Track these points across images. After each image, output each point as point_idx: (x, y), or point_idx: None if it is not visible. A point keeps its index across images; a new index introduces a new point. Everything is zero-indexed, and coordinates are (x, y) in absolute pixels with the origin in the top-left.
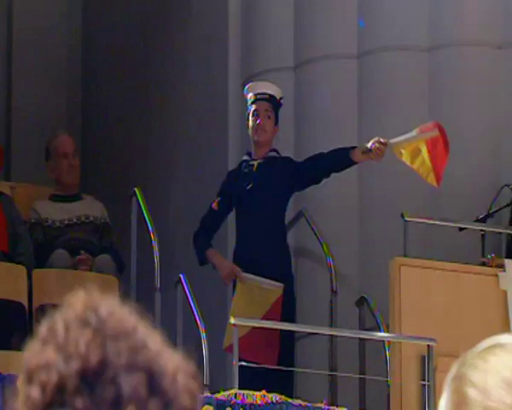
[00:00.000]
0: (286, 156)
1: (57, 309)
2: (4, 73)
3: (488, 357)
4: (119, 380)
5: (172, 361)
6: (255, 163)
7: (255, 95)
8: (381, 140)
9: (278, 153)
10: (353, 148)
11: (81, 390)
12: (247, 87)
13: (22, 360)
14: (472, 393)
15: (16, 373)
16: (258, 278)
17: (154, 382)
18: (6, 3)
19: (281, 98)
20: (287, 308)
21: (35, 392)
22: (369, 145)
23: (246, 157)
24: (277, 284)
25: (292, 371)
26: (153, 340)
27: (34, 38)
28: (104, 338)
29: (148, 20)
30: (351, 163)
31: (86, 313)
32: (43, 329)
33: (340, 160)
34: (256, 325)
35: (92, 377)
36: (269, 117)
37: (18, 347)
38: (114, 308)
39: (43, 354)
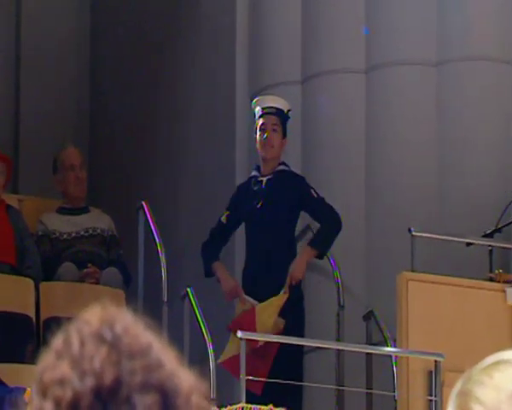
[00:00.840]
0: (298, 174)
1: (71, 322)
2: (12, 86)
3: (493, 373)
4: (133, 400)
5: (186, 381)
6: (264, 179)
7: (262, 109)
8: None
9: (287, 166)
10: (318, 249)
11: (95, 408)
12: (254, 101)
13: (35, 371)
14: (477, 409)
15: (23, 386)
16: (257, 302)
17: (167, 401)
18: (14, 16)
19: (288, 111)
20: (296, 323)
21: (49, 407)
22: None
23: (255, 172)
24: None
25: (299, 385)
26: (167, 358)
27: (42, 51)
28: (119, 356)
29: (156, 35)
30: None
31: (102, 328)
32: (58, 342)
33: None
34: (264, 339)
35: (106, 396)
36: (275, 131)
37: (26, 360)
38: (130, 324)
39: (58, 369)
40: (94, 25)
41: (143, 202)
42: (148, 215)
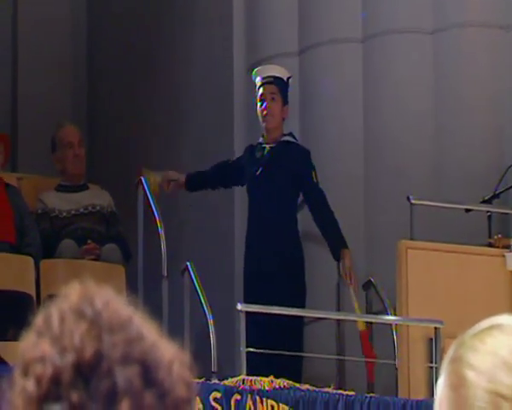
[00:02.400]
0: (303, 148)
1: (55, 300)
2: (10, 66)
3: (486, 338)
4: (115, 372)
5: (168, 352)
6: (267, 147)
7: (261, 79)
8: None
9: (294, 137)
10: (345, 246)
11: (76, 383)
12: (254, 72)
13: (19, 351)
14: (470, 375)
15: (15, 366)
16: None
17: (149, 373)
18: None
19: (289, 78)
20: (297, 294)
21: (30, 385)
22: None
23: (261, 139)
24: None
25: (300, 356)
26: (148, 331)
27: (39, 29)
28: (99, 330)
29: (152, 9)
30: (336, 256)
31: (82, 304)
32: (38, 320)
33: (331, 243)
34: (264, 311)
35: (87, 370)
36: (274, 99)
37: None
38: (110, 299)
39: (39, 347)
40: (91, 4)
41: (142, 178)
42: (147, 190)
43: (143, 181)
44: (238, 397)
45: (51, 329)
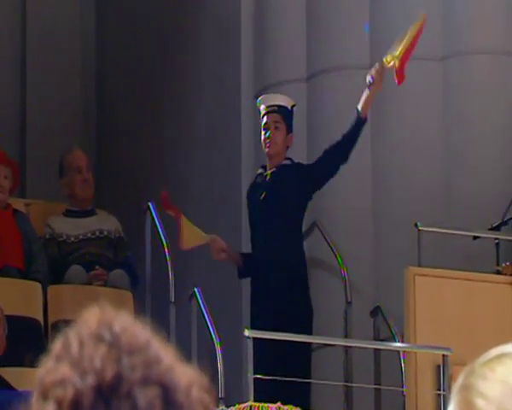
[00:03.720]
0: (297, 162)
1: (71, 325)
2: (18, 90)
3: (496, 367)
4: (135, 394)
5: (186, 375)
6: (268, 172)
7: (265, 107)
8: (376, 66)
9: (292, 161)
10: (356, 110)
11: (97, 405)
12: (258, 100)
13: (36, 376)
14: (480, 403)
15: (32, 390)
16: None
17: (168, 395)
18: (20, 16)
19: (293, 106)
20: (304, 319)
21: (51, 408)
22: (367, 80)
23: (261, 170)
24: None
25: (307, 382)
26: (166, 354)
27: (48, 51)
28: (119, 353)
29: (162, 32)
30: (362, 122)
31: (100, 328)
32: (57, 346)
33: (350, 131)
34: (271, 337)
35: (108, 392)
36: (277, 128)
37: (33, 363)
38: (128, 324)
39: (58, 371)
40: (99, 22)
41: (150, 203)
42: (155, 216)
43: (151, 206)
44: None
45: (70, 353)
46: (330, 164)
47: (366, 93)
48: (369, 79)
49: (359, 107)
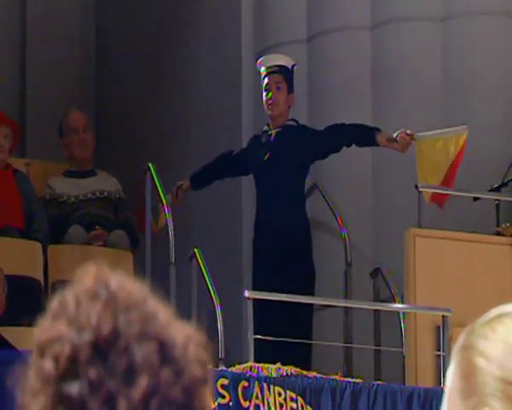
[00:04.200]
0: (303, 125)
1: (69, 285)
2: (18, 52)
3: (497, 326)
4: (132, 349)
5: (183, 332)
6: (273, 132)
7: (266, 68)
8: (408, 132)
9: (297, 122)
10: (378, 130)
11: (94, 361)
12: (258, 62)
13: (34, 335)
14: (481, 362)
15: (31, 349)
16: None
17: (165, 351)
18: None
19: (293, 66)
20: (306, 280)
21: (48, 364)
22: (394, 135)
23: (266, 127)
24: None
25: (308, 343)
26: (163, 311)
27: (48, 15)
28: (115, 309)
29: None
30: (373, 144)
31: (96, 286)
32: (53, 304)
33: (364, 137)
34: (272, 298)
35: (104, 348)
36: (279, 89)
37: (33, 323)
38: (124, 281)
39: (55, 328)
40: None
41: (150, 164)
42: (155, 177)
43: (151, 168)
44: (245, 384)
45: (67, 311)
46: (338, 142)
47: (386, 144)
48: (395, 135)
49: (379, 136)
